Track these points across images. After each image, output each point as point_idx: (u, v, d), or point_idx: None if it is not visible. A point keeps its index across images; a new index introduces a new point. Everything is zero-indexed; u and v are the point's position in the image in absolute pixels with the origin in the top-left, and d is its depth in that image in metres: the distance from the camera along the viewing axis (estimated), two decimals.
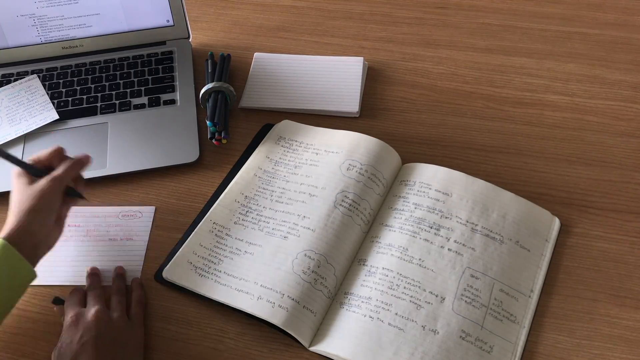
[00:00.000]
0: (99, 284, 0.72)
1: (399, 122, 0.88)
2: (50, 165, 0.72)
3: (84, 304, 0.69)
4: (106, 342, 0.64)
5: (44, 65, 0.95)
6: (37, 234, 0.67)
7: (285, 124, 0.87)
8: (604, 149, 0.84)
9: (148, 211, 0.80)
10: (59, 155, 0.73)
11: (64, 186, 0.71)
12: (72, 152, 0.84)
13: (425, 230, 0.73)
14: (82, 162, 0.74)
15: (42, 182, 0.69)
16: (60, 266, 0.74)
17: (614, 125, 0.86)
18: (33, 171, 0.70)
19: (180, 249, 0.74)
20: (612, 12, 1.02)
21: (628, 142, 0.84)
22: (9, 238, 0.64)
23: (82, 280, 0.73)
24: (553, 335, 0.68)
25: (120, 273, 0.74)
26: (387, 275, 0.70)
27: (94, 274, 0.73)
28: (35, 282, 0.67)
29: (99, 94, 0.91)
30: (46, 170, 0.71)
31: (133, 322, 0.68)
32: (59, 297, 0.70)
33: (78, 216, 0.79)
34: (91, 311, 0.66)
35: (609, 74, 0.92)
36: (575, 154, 0.83)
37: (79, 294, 0.70)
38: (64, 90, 0.92)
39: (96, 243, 0.77)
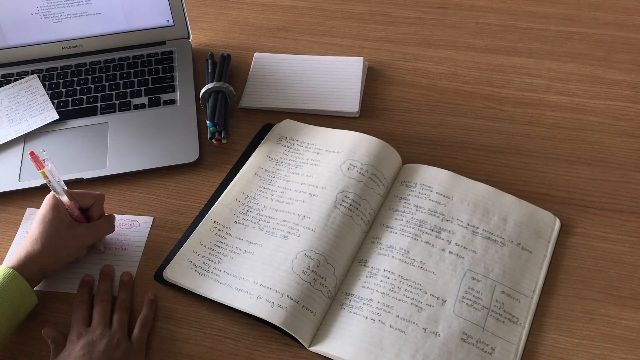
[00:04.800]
0: (108, 293, 0.71)
1: (399, 122, 0.88)
2: (85, 207, 0.73)
3: (89, 316, 0.69)
4: None
5: (44, 65, 0.95)
6: (49, 270, 0.70)
7: (287, 124, 0.87)
8: (604, 149, 0.84)
9: (146, 221, 0.79)
10: (99, 204, 0.74)
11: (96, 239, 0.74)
12: (72, 152, 0.85)
13: (426, 232, 0.73)
14: (113, 220, 0.75)
15: (82, 230, 0.71)
16: (55, 274, 0.73)
17: (614, 125, 0.86)
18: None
19: (181, 248, 0.74)
20: (612, 12, 1.02)
21: (628, 142, 0.84)
22: (21, 268, 0.66)
23: (75, 288, 0.72)
24: (553, 335, 0.68)
25: (125, 281, 0.72)
26: (388, 278, 0.70)
27: (106, 275, 0.72)
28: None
29: (99, 94, 0.91)
30: (81, 212, 0.72)
31: (134, 346, 0.66)
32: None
33: None
34: (95, 332, 0.66)
35: (609, 74, 0.92)
36: (575, 154, 0.83)
37: (84, 307, 0.69)
38: (64, 90, 0.92)
39: (91, 251, 0.76)
